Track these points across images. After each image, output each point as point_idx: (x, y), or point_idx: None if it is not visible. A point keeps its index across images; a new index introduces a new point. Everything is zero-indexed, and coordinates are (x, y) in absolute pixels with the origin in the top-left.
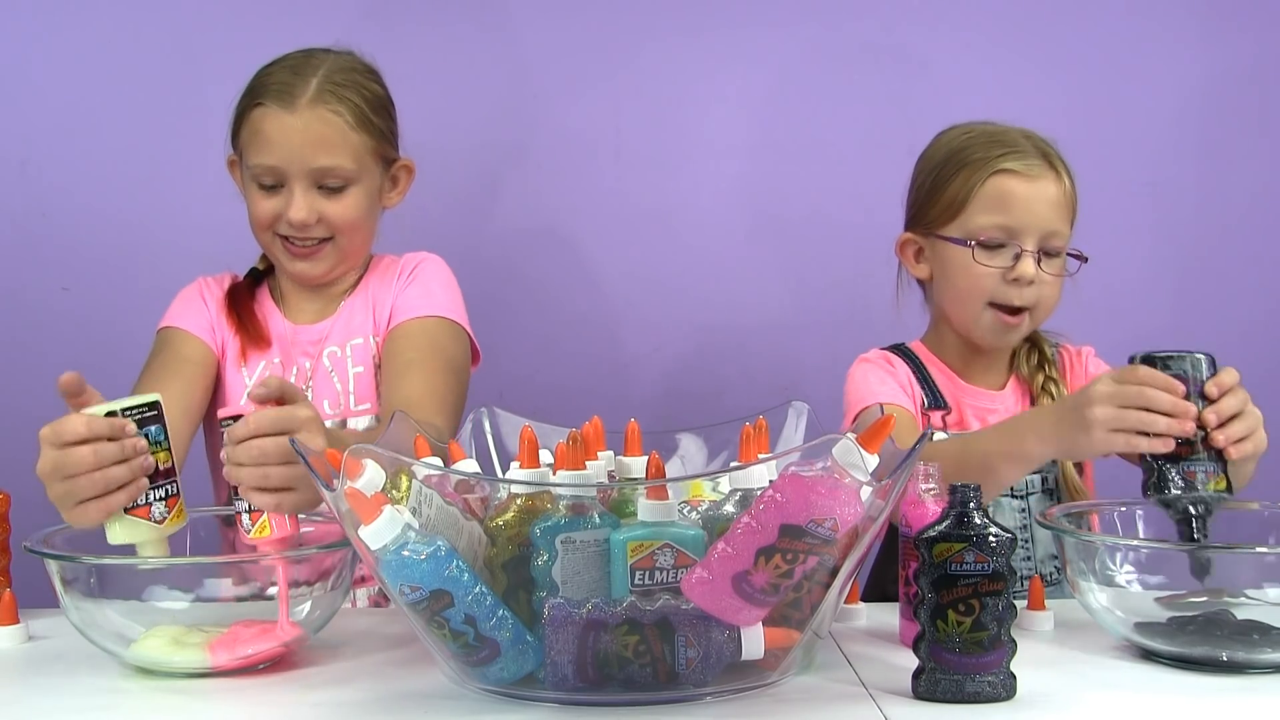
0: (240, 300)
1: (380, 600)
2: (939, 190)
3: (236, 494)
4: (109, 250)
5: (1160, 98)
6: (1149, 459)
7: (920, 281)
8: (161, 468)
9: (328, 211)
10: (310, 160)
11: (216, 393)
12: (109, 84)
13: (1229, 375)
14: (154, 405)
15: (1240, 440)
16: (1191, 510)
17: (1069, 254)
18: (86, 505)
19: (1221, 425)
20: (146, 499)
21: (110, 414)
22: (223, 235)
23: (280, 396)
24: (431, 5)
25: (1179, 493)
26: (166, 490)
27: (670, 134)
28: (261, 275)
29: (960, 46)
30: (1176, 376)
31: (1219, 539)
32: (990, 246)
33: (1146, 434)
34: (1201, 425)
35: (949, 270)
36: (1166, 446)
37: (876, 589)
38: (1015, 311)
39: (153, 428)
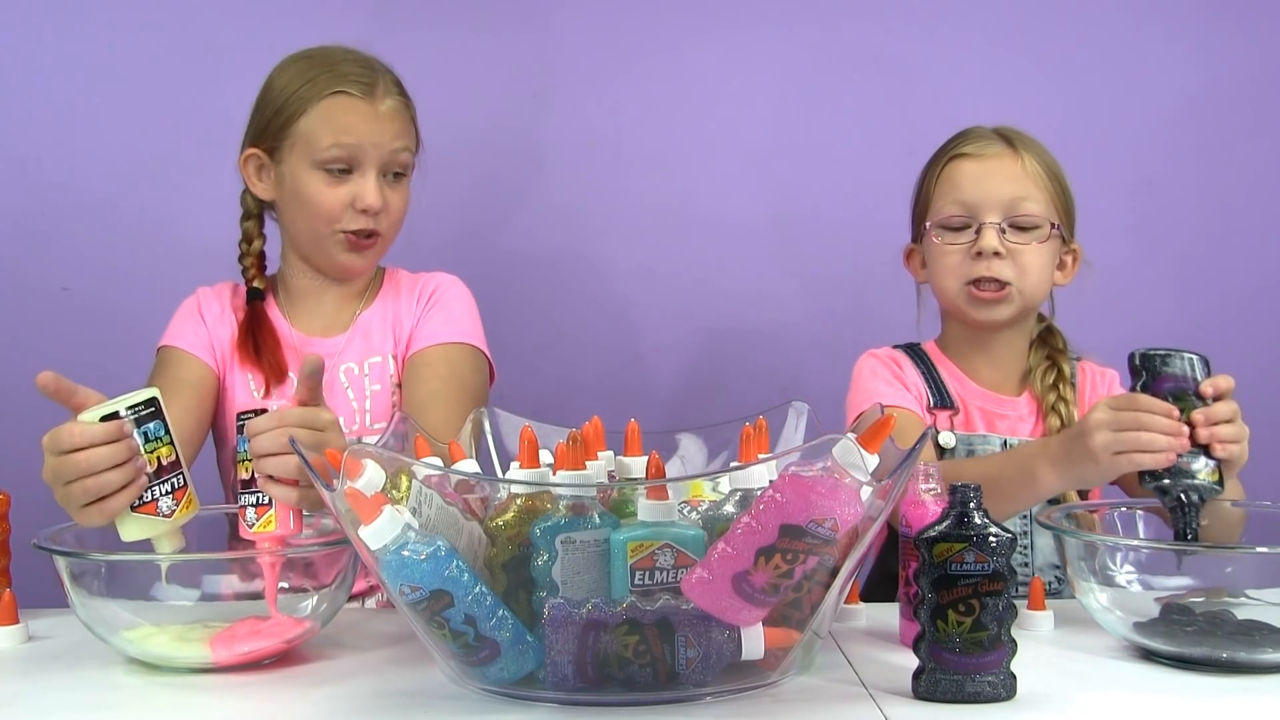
0: (259, 327)
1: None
2: (918, 196)
3: (244, 488)
4: (109, 250)
5: (1158, 98)
6: None
7: (926, 286)
8: (165, 462)
9: (391, 200)
10: (389, 143)
11: (221, 405)
12: (109, 83)
13: (1225, 380)
14: (151, 401)
15: (1226, 441)
16: (1184, 497)
17: (1054, 227)
18: (89, 509)
19: (1210, 425)
20: (152, 495)
21: (108, 415)
22: (223, 235)
23: (307, 394)
24: (435, 7)
25: (1175, 479)
26: (172, 484)
27: (674, 134)
28: (263, 293)
29: (961, 48)
30: (1172, 375)
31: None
32: (953, 228)
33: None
34: (1191, 423)
35: (930, 262)
36: (1169, 461)
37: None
38: (987, 285)
39: (151, 424)
